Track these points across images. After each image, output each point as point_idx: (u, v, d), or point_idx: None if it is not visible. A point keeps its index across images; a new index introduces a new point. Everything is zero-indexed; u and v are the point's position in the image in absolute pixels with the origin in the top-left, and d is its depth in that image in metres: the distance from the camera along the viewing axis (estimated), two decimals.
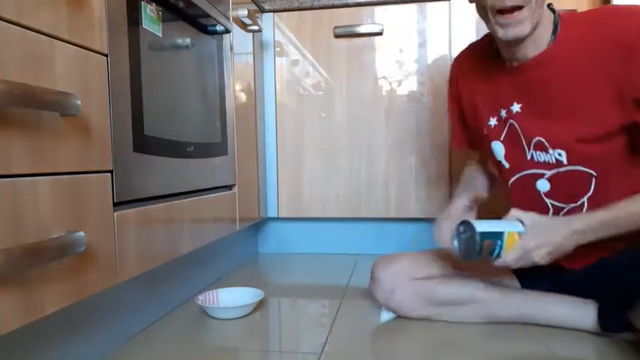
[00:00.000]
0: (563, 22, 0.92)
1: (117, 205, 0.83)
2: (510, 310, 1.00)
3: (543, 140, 0.94)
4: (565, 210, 0.97)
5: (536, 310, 0.99)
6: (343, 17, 1.68)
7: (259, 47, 1.70)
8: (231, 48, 1.38)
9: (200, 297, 1.13)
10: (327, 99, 1.72)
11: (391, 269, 1.06)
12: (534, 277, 1.05)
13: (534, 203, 0.99)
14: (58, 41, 0.69)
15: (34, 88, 0.62)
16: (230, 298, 1.16)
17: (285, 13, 1.72)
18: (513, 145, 0.99)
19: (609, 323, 0.93)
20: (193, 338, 0.99)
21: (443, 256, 1.08)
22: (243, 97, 1.51)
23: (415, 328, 1.01)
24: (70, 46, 0.72)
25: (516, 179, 1.01)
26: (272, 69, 1.74)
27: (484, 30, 0.99)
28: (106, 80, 0.80)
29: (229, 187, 1.39)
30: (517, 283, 1.07)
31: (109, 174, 0.81)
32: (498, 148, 1.02)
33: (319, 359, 0.88)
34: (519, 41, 0.90)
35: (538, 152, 0.96)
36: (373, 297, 1.09)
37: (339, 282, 1.41)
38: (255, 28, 1.54)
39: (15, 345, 0.69)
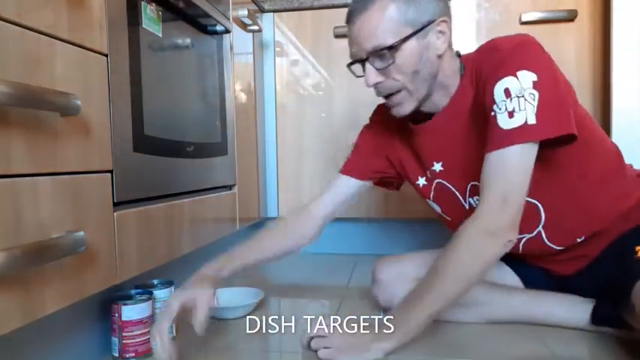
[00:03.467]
0: (464, 68, 0.91)
1: (117, 205, 0.83)
2: (512, 311, 1.00)
3: (477, 184, 0.90)
4: (524, 240, 0.97)
5: (535, 312, 0.99)
6: (343, 17, 1.64)
7: (259, 47, 1.70)
8: (231, 48, 1.38)
9: None
10: (327, 99, 1.72)
11: (392, 271, 1.06)
12: (536, 277, 1.05)
13: None
14: (58, 41, 0.69)
15: (34, 88, 0.62)
16: (230, 298, 1.16)
17: (285, 13, 1.72)
18: (447, 200, 1.00)
19: (598, 318, 0.93)
20: (193, 338, 0.99)
21: None
22: (243, 97, 1.51)
23: None
24: (70, 46, 0.72)
25: None
26: (272, 69, 1.74)
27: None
28: (106, 80, 0.80)
29: (229, 187, 1.39)
30: (520, 283, 1.07)
31: (109, 174, 0.81)
32: (434, 206, 1.05)
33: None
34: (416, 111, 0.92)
35: (475, 198, 0.95)
36: (376, 299, 1.09)
37: (339, 282, 1.41)
38: (255, 28, 1.54)
39: (15, 345, 0.69)
